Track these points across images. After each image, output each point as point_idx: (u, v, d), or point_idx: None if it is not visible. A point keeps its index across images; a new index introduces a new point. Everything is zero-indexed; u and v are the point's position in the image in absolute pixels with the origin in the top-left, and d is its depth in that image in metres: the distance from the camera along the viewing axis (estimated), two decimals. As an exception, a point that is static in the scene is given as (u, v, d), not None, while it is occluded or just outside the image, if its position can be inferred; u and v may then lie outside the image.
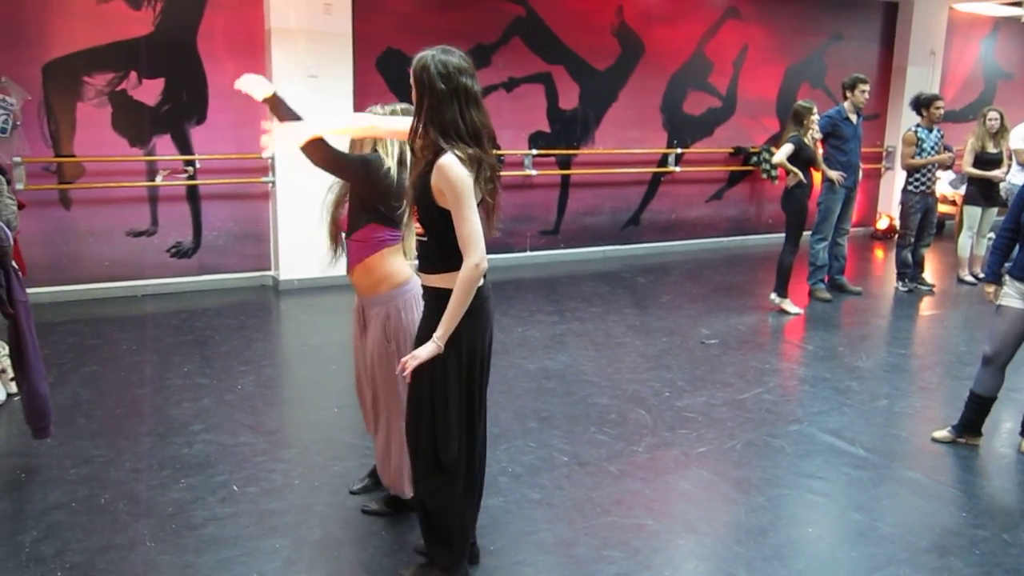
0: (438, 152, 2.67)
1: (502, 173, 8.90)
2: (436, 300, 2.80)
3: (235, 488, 3.80)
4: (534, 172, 9.00)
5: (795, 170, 6.89)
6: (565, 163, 9.33)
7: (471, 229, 2.66)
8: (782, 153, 6.92)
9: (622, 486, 3.93)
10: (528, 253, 9.26)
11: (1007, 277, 4.31)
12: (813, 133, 7.11)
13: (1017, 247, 4.31)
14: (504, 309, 7.10)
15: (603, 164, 9.58)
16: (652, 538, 3.48)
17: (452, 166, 2.63)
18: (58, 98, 6.85)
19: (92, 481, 3.85)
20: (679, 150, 9.99)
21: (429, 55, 2.68)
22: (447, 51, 2.70)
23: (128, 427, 4.50)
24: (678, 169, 10.01)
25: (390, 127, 3.03)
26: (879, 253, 10.41)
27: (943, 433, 4.55)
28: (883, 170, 11.60)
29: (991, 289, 4.43)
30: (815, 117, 7.10)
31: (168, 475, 3.93)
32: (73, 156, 6.95)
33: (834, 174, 7.53)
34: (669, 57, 9.75)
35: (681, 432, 4.58)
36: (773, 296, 7.29)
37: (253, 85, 3.06)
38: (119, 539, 3.36)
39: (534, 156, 8.98)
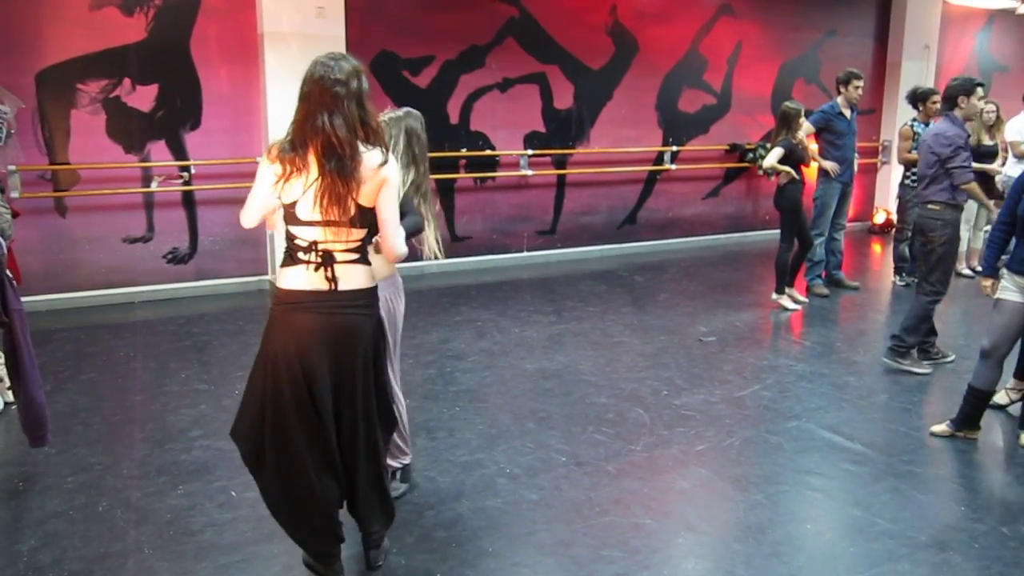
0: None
1: (498, 174, 8.93)
2: None
3: (233, 494, 3.79)
4: (530, 172, 9.00)
5: (787, 169, 6.89)
6: (561, 163, 9.33)
7: None
8: (772, 157, 6.92)
9: (620, 485, 3.93)
10: (525, 253, 9.26)
11: (1004, 271, 4.31)
12: (802, 132, 7.11)
13: (1014, 240, 4.31)
14: (501, 310, 7.10)
15: (599, 163, 9.58)
16: (651, 537, 3.48)
17: None
18: (52, 106, 6.85)
19: (90, 489, 3.85)
20: (675, 148, 9.99)
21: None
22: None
23: (126, 434, 4.50)
24: (674, 167, 10.01)
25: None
26: (876, 248, 10.41)
27: (942, 427, 4.55)
28: (879, 165, 11.60)
29: (988, 283, 4.44)
30: (803, 120, 7.10)
31: (166, 482, 3.93)
32: (68, 164, 6.96)
33: (828, 164, 7.55)
34: (663, 55, 9.75)
35: (679, 430, 4.58)
36: (773, 296, 7.29)
37: None
38: (117, 546, 3.36)
39: (530, 156, 8.98)
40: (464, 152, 8.66)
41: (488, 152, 8.81)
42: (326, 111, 2.71)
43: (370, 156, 2.78)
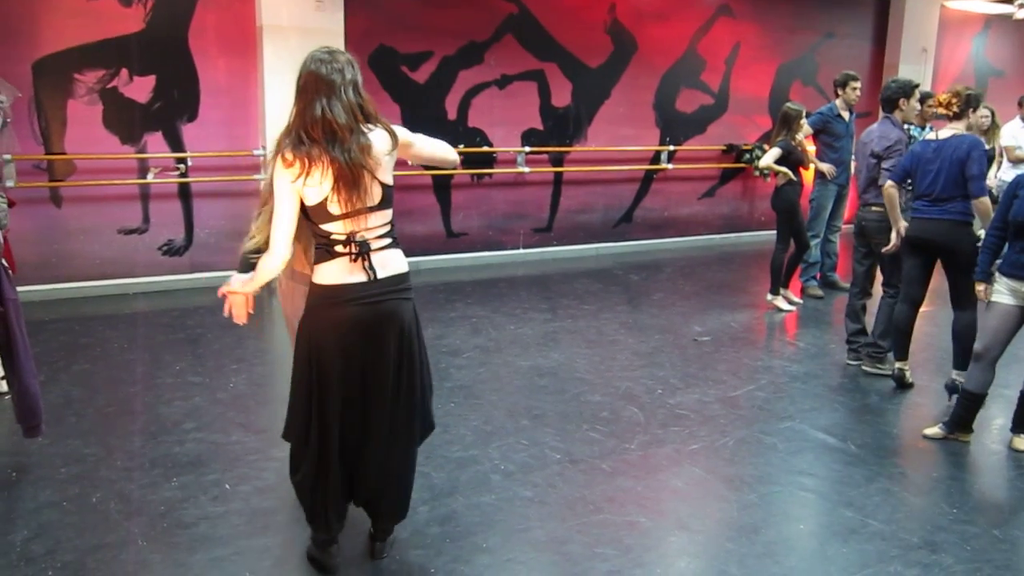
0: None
1: (495, 171, 8.91)
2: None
3: (227, 487, 3.79)
4: (527, 170, 9.00)
5: (784, 170, 6.91)
6: (558, 160, 9.33)
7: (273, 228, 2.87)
8: (769, 157, 6.93)
9: (614, 484, 3.93)
10: (521, 250, 9.26)
11: (997, 274, 4.33)
12: (802, 134, 7.13)
13: (1007, 245, 4.33)
14: (496, 307, 7.10)
15: (596, 162, 9.58)
16: (644, 535, 3.49)
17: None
18: (48, 95, 6.83)
19: (83, 480, 3.84)
20: (671, 147, 10.00)
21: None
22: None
23: (119, 426, 4.49)
24: (671, 166, 10.01)
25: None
26: (871, 250, 10.41)
27: (934, 430, 4.56)
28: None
29: (981, 287, 4.45)
30: (804, 122, 7.12)
31: (159, 474, 3.92)
32: (64, 154, 6.93)
33: (825, 167, 7.57)
34: (662, 54, 9.76)
35: (673, 430, 4.59)
36: (768, 296, 7.31)
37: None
38: (110, 538, 3.35)
39: (527, 154, 8.98)
40: (461, 148, 8.65)
41: (485, 149, 8.80)
42: (324, 98, 2.75)
43: (376, 136, 2.83)
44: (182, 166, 7.36)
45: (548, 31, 8.94)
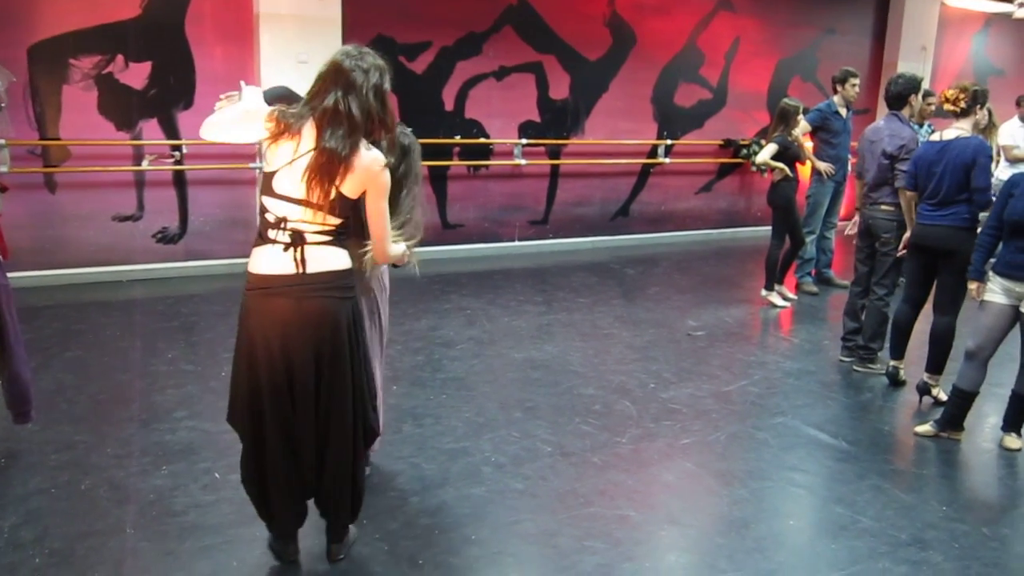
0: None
1: (492, 162, 8.89)
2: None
3: (217, 475, 3.78)
4: (524, 162, 8.98)
5: (780, 165, 6.90)
6: (555, 153, 9.31)
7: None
8: (765, 153, 6.92)
9: (605, 477, 3.93)
10: (517, 243, 9.25)
11: (991, 273, 4.34)
12: (799, 130, 7.12)
13: (1001, 244, 4.33)
14: (491, 299, 7.10)
15: (593, 155, 9.57)
16: (634, 529, 3.49)
17: None
18: (44, 80, 6.79)
19: (73, 467, 3.83)
20: (669, 142, 9.98)
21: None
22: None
23: (111, 413, 4.48)
24: (668, 161, 10.00)
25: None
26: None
27: (926, 427, 4.57)
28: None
29: (974, 285, 4.46)
30: (801, 118, 7.11)
31: (150, 462, 3.91)
32: (59, 139, 6.90)
33: (823, 165, 7.56)
34: (661, 48, 9.74)
35: (666, 424, 4.59)
36: (763, 292, 7.31)
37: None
38: (99, 525, 3.35)
39: (524, 146, 8.95)
40: (458, 139, 8.63)
41: (482, 140, 8.78)
42: (340, 90, 2.69)
43: (369, 152, 2.75)
44: (177, 153, 7.33)
45: (547, 23, 8.91)
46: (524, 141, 8.95)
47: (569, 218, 9.56)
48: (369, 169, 2.75)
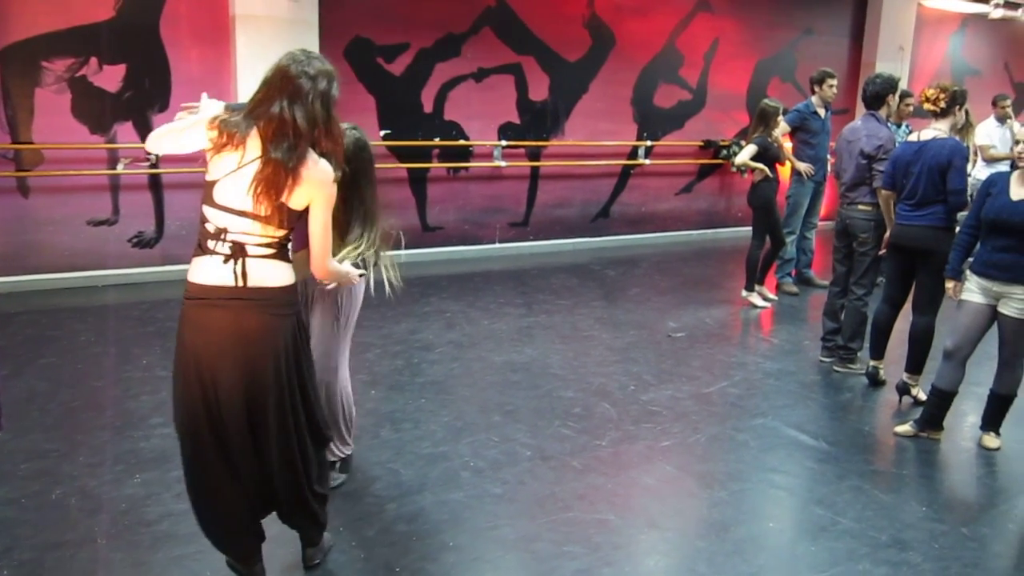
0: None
1: (471, 164, 8.84)
2: None
3: (191, 483, 3.72)
4: (504, 163, 8.95)
5: (760, 166, 6.90)
6: (535, 155, 9.28)
7: None
8: (745, 154, 6.92)
9: (585, 481, 3.91)
10: (497, 245, 9.21)
11: (968, 272, 4.34)
12: (779, 131, 7.13)
13: (979, 243, 4.34)
14: (471, 301, 7.06)
15: (573, 156, 9.55)
16: (614, 533, 3.46)
17: None
18: (16, 83, 6.69)
19: (44, 476, 3.76)
20: (649, 143, 9.98)
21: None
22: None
23: (84, 421, 4.41)
24: (648, 162, 10.00)
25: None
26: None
27: (905, 427, 4.57)
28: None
29: (951, 285, 4.47)
30: (781, 119, 7.12)
31: (123, 470, 3.85)
32: (31, 143, 6.80)
33: (803, 166, 7.57)
34: (640, 49, 9.73)
35: (646, 426, 4.57)
36: (743, 293, 7.31)
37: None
38: (70, 536, 3.29)
39: (504, 147, 8.92)
40: (437, 141, 8.59)
41: (462, 142, 8.74)
42: (286, 98, 2.59)
43: (317, 164, 2.66)
44: (153, 157, 7.23)
45: (526, 24, 8.88)
46: (504, 143, 8.92)
47: (549, 220, 9.54)
48: (317, 180, 2.66)
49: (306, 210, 2.71)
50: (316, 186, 2.67)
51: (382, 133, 8.23)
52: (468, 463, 4.03)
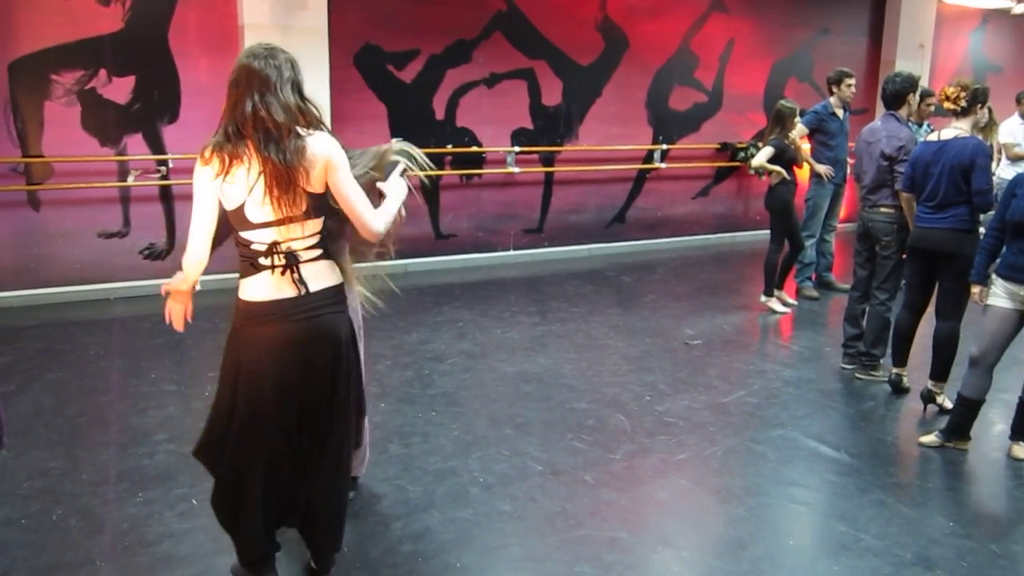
0: None
1: (484, 171, 8.76)
2: None
3: (194, 502, 3.64)
4: (517, 169, 8.85)
5: (777, 168, 6.77)
6: (548, 160, 9.18)
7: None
8: (761, 156, 6.80)
9: (597, 496, 3.79)
10: (511, 252, 9.11)
11: (994, 277, 4.19)
12: (796, 133, 6.99)
13: (1004, 246, 4.19)
14: (484, 310, 6.96)
15: (587, 161, 9.43)
16: (626, 552, 3.34)
17: None
18: (25, 97, 6.67)
19: (45, 495, 3.70)
20: (664, 146, 9.86)
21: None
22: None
23: (89, 437, 4.35)
24: (664, 165, 9.87)
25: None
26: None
27: (931, 438, 4.42)
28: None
29: (977, 290, 4.32)
30: (798, 120, 6.98)
31: (126, 488, 3.78)
32: (41, 156, 6.77)
33: (822, 168, 7.44)
34: (654, 52, 9.61)
35: (661, 438, 4.44)
36: (761, 298, 7.17)
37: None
38: (68, 557, 3.22)
39: (517, 153, 8.83)
40: (450, 148, 8.50)
41: (474, 149, 8.65)
42: (256, 94, 2.55)
43: (314, 140, 2.63)
44: (163, 168, 7.20)
45: (538, 28, 8.79)
46: (517, 149, 8.82)
47: (564, 226, 9.43)
48: (321, 153, 2.62)
49: (327, 191, 2.70)
50: (322, 159, 2.63)
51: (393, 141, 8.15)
52: (477, 478, 3.93)
